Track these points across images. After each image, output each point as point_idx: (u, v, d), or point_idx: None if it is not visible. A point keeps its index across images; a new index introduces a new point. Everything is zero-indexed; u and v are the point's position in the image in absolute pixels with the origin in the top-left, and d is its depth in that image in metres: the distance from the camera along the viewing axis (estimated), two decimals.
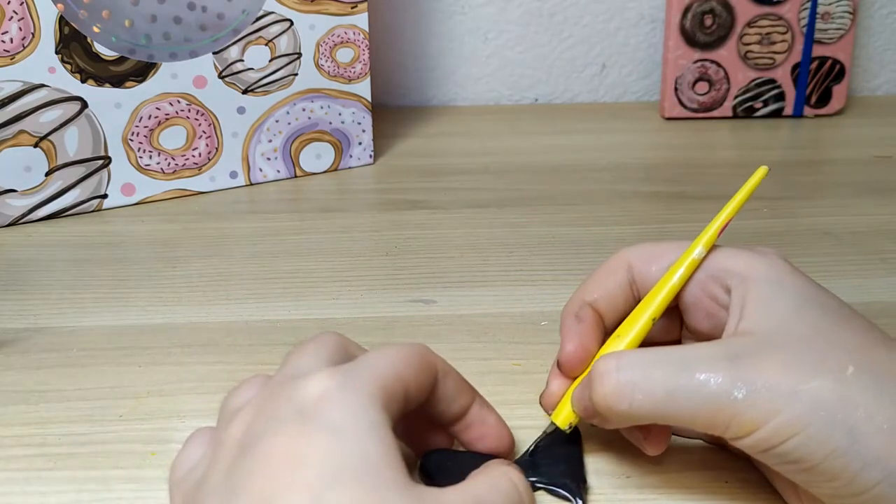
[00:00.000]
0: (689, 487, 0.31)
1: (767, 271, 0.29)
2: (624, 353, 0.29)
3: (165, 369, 0.39)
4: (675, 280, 0.31)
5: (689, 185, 0.60)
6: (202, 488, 0.25)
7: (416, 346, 0.29)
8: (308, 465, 0.23)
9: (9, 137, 0.52)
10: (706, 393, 0.26)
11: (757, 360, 0.26)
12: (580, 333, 0.32)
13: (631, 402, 0.27)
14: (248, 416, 0.26)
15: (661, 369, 0.27)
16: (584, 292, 0.33)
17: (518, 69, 0.80)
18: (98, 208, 0.56)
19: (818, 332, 0.27)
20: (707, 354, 0.27)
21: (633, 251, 0.33)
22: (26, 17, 0.50)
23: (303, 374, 0.26)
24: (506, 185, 0.60)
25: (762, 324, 0.28)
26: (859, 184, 0.59)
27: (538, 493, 0.31)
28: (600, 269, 0.34)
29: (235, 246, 0.51)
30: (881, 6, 0.79)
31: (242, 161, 0.59)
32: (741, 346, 0.27)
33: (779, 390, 0.26)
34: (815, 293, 0.29)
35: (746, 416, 0.26)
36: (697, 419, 0.27)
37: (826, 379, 0.26)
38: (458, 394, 0.30)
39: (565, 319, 0.33)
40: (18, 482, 0.32)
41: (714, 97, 0.74)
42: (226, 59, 0.57)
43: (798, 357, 0.26)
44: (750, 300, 0.29)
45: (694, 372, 0.27)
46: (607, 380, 0.28)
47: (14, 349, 0.41)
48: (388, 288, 0.46)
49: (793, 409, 0.25)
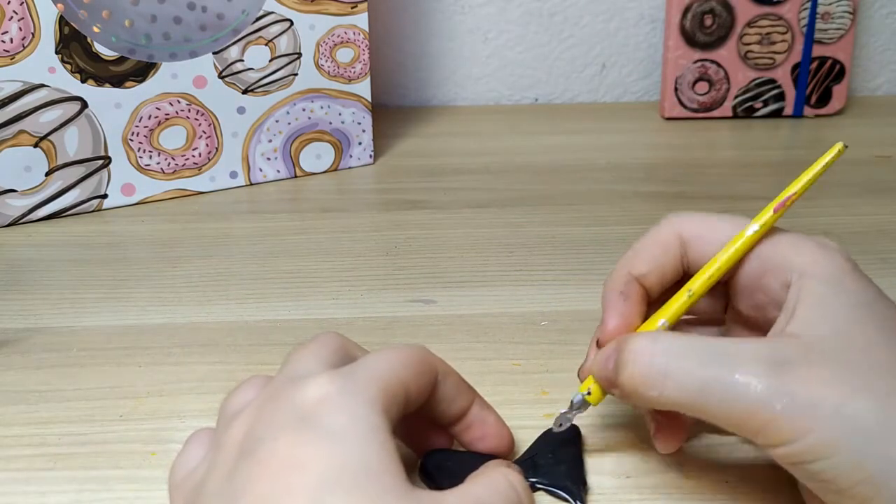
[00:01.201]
0: (689, 487, 0.31)
1: (828, 270, 0.27)
2: (660, 335, 0.27)
3: (165, 369, 0.39)
4: (725, 259, 0.29)
5: (689, 185, 0.60)
6: (202, 491, 0.25)
7: (416, 348, 0.29)
8: (307, 471, 0.23)
9: (9, 137, 0.52)
10: (742, 396, 0.25)
11: (801, 371, 0.25)
12: (625, 312, 0.30)
13: (661, 391, 0.26)
14: (248, 419, 0.26)
15: (698, 361, 0.26)
16: (632, 264, 0.31)
17: (518, 69, 0.80)
18: (98, 208, 0.56)
19: (870, 347, 0.26)
20: (750, 354, 0.26)
21: (685, 222, 0.31)
22: (26, 17, 0.50)
23: (303, 377, 0.26)
24: (506, 185, 0.60)
25: (814, 328, 0.26)
26: (859, 184, 0.59)
27: (538, 493, 0.31)
28: (650, 240, 0.31)
29: (235, 246, 0.51)
30: (881, 6, 0.79)
31: (242, 161, 0.59)
32: (788, 351, 0.26)
33: (819, 407, 0.24)
34: (873, 299, 0.27)
35: (781, 428, 0.25)
36: (728, 420, 0.26)
37: (870, 401, 0.24)
38: (457, 395, 0.30)
39: (610, 294, 0.31)
40: (18, 482, 0.32)
41: (714, 97, 0.74)
42: (226, 59, 0.57)
43: (845, 373, 0.25)
44: (805, 300, 0.27)
45: (733, 371, 0.25)
46: (639, 362, 0.27)
47: (14, 349, 0.41)
48: (388, 288, 0.46)
49: (830, 430, 0.24)
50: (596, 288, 0.31)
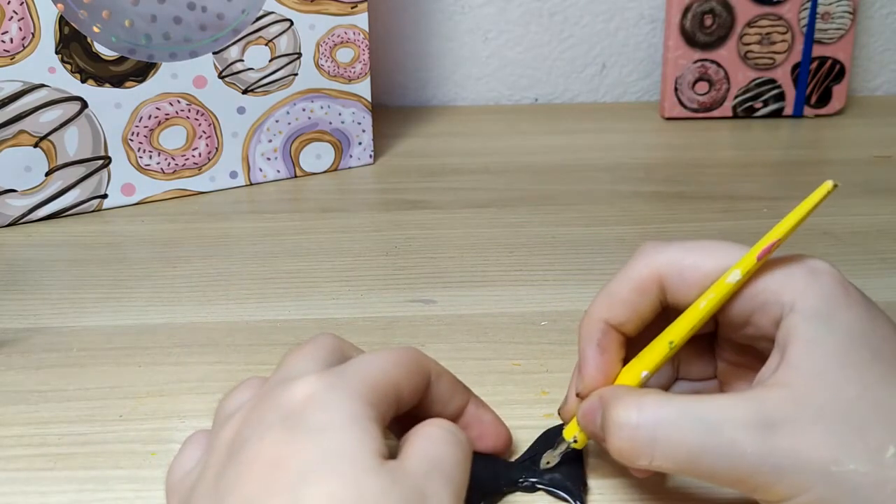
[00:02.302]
0: (689, 488, 0.31)
1: (819, 302, 0.26)
2: (644, 402, 0.26)
3: (165, 369, 0.39)
4: (704, 307, 0.28)
5: (689, 185, 0.60)
6: (193, 493, 0.25)
7: (408, 349, 0.29)
8: (288, 468, 0.23)
9: (9, 137, 0.52)
10: (734, 461, 0.25)
11: (791, 431, 0.24)
12: (601, 365, 0.29)
13: (651, 460, 0.26)
14: (238, 421, 0.26)
15: (685, 428, 0.25)
16: (608, 311, 0.30)
17: (518, 69, 0.80)
18: (98, 208, 0.56)
19: (862, 394, 0.25)
20: (737, 418, 0.25)
21: (665, 260, 0.29)
22: (26, 17, 0.50)
23: (293, 378, 0.26)
24: (506, 185, 0.60)
25: (801, 375, 0.25)
26: (859, 184, 0.59)
27: (538, 493, 0.31)
28: (626, 283, 0.29)
29: (235, 246, 0.51)
30: (881, 6, 0.79)
31: (242, 161, 0.59)
32: (776, 408, 0.25)
33: (811, 469, 0.24)
34: (868, 331, 0.26)
35: (775, 488, 0.24)
36: (723, 481, 0.25)
37: (863, 462, 0.24)
38: (452, 395, 0.30)
39: (587, 346, 0.30)
40: (18, 482, 0.32)
41: (714, 97, 0.74)
42: (226, 59, 0.57)
43: (835, 429, 0.24)
44: (795, 341, 0.26)
45: (721, 437, 0.25)
46: (626, 434, 0.26)
47: (14, 349, 0.41)
48: (388, 288, 0.46)
49: (824, 489, 0.24)
50: (596, 288, 0.31)
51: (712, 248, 0.29)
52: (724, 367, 0.32)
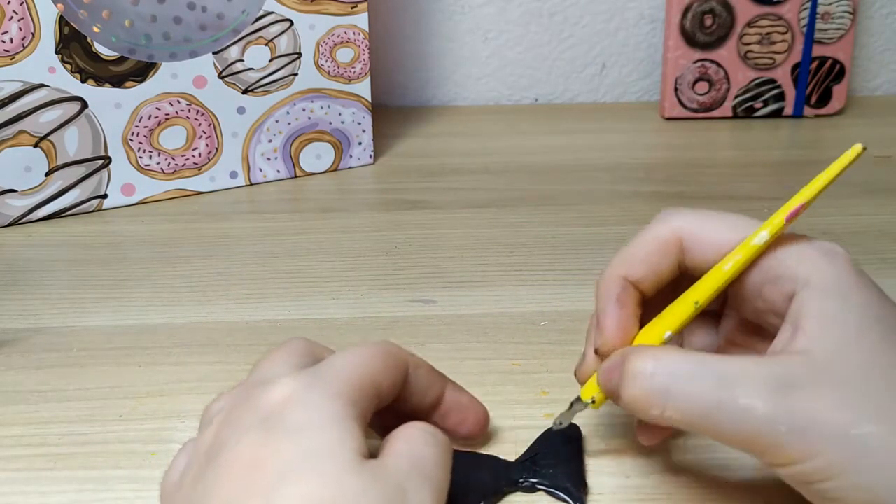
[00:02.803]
0: (689, 488, 0.31)
1: (833, 281, 0.27)
2: (662, 354, 0.26)
3: (165, 369, 0.39)
4: (731, 269, 0.28)
5: (689, 185, 0.60)
6: (174, 499, 0.25)
7: (384, 344, 0.29)
8: (266, 469, 0.23)
9: (9, 137, 0.52)
10: (747, 419, 0.25)
11: (808, 394, 0.25)
12: (621, 320, 0.29)
13: (663, 410, 0.26)
14: (216, 425, 0.26)
15: (700, 384, 0.25)
16: (628, 267, 0.30)
17: (518, 69, 0.80)
18: (98, 208, 0.56)
19: (878, 364, 0.25)
20: (755, 376, 0.25)
21: (684, 222, 0.30)
22: (26, 17, 0.50)
23: (269, 381, 0.26)
24: (506, 185, 0.60)
25: (819, 345, 0.25)
26: (859, 184, 0.59)
27: (538, 493, 0.31)
28: (647, 241, 0.30)
29: (235, 246, 0.51)
30: (881, 6, 0.79)
31: (242, 161, 0.59)
32: (793, 372, 0.25)
33: (827, 431, 0.24)
34: (881, 310, 0.26)
35: (788, 450, 0.24)
36: (732, 440, 0.25)
37: (878, 425, 0.24)
38: (430, 384, 0.30)
39: (606, 301, 0.30)
40: (18, 482, 0.32)
41: (714, 97, 0.74)
42: (226, 59, 0.57)
43: (852, 395, 0.25)
44: (810, 314, 0.26)
45: (737, 394, 0.25)
46: (640, 382, 0.26)
47: (14, 349, 0.41)
48: (388, 288, 0.46)
49: (837, 453, 0.24)
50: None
51: (731, 218, 0.30)
52: (724, 344, 0.32)
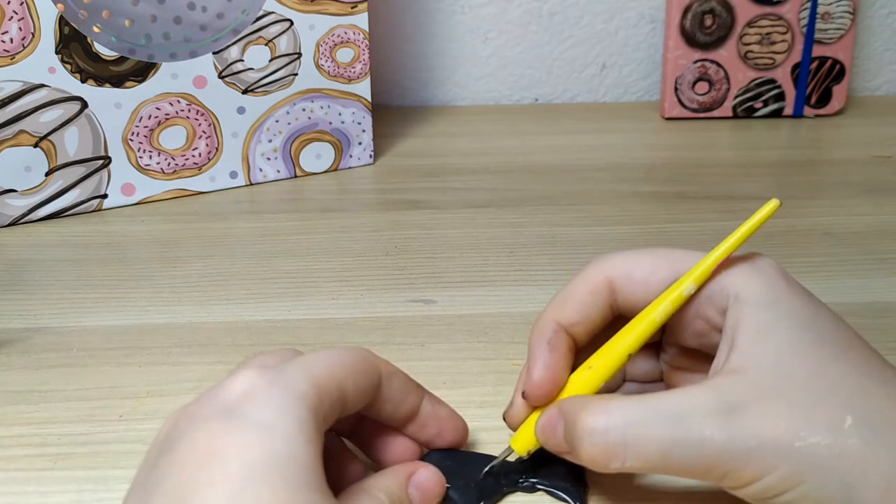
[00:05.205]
0: (689, 487, 0.31)
1: (763, 292, 0.27)
2: (610, 407, 0.26)
3: (165, 369, 0.39)
4: (657, 316, 0.29)
5: (689, 185, 0.60)
6: (128, 492, 0.25)
7: (356, 349, 0.28)
8: (229, 459, 0.23)
9: (9, 137, 0.52)
10: (705, 450, 0.25)
11: (751, 412, 0.25)
12: (551, 364, 0.30)
13: (623, 461, 0.26)
14: (174, 416, 0.26)
15: (655, 428, 0.26)
16: (559, 313, 0.30)
17: (518, 69, 0.80)
18: (98, 208, 0.56)
19: (815, 372, 0.26)
20: (701, 407, 0.25)
21: (614, 267, 0.30)
22: (26, 17, 0.50)
23: (232, 374, 0.26)
24: (506, 185, 0.60)
25: (755, 360, 0.26)
26: (859, 184, 0.59)
27: (538, 493, 0.31)
28: (578, 287, 0.31)
29: (235, 246, 0.51)
30: (881, 6, 0.79)
31: (242, 161, 0.59)
32: (735, 392, 0.26)
33: (776, 447, 0.25)
34: (812, 316, 0.27)
35: (743, 471, 0.25)
36: (692, 472, 0.26)
37: (823, 434, 0.25)
38: (405, 394, 0.29)
39: (537, 344, 0.30)
40: (18, 482, 0.32)
41: (714, 97, 0.74)
42: (226, 59, 0.57)
43: (794, 407, 0.25)
44: (743, 328, 0.27)
45: (689, 429, 0.25)
46: (595, 439, 0.26)
47: (14, 349, 0.41)
48: (388, 288, 0.46)
49: (790, 465, 0.25)
50: None
51: (661, 255, 0.30)
52: (668, 370, 0.33)
